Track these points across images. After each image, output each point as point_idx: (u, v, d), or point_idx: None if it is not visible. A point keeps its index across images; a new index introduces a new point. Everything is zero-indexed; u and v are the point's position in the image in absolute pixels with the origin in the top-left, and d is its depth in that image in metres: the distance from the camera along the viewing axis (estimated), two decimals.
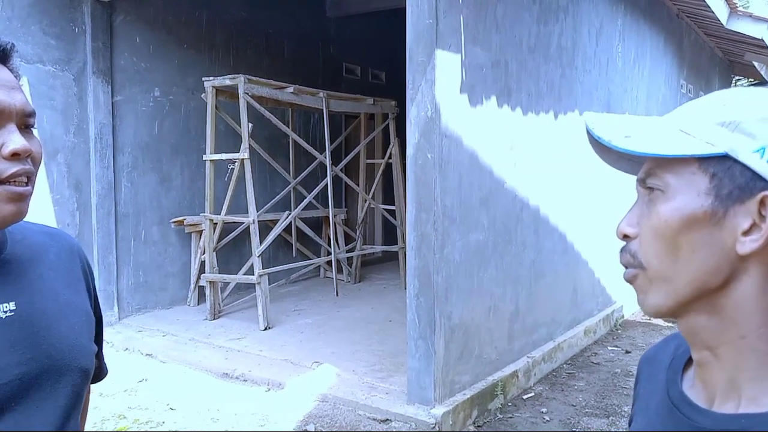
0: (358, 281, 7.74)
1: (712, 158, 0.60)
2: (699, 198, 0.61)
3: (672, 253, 0.62)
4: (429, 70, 3.62)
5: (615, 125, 0.66)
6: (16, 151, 0.83)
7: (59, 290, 0.99)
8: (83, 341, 0.99)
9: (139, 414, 4.03)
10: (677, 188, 0.62)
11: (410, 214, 3.81)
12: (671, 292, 0.63)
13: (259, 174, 7.24)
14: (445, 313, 3.83)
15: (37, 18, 5.19)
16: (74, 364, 0.96)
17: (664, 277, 0.63)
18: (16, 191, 0.84)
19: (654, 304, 0.65)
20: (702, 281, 0.61)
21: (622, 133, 0.64)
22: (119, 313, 6.03)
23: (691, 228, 0.61)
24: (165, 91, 6.37)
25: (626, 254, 0.67)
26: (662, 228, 0.62)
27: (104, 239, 5.85)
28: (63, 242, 1.06)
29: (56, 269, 1.01)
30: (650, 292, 0.65)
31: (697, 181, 0.61)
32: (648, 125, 0.66)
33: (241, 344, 5.19)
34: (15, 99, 0.86)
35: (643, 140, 0.63)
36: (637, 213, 0.66)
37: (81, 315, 1.01)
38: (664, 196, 0.63)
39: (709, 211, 0.60)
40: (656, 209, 0.63)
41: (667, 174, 0.63)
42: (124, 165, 6.04)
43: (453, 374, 3.93)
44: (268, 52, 7.46)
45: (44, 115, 5.32)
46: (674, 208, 0.62)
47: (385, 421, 3.84)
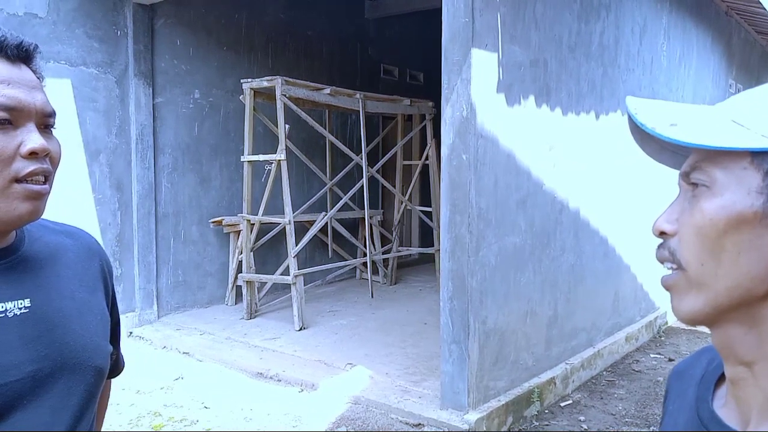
0: (394, 283, 7.70)
1: (767, 153, 0.54)
2: (749, 196, 0.55)
3: (715, 255, 0.56)
4: (465, 69, 3.55)
5: (660, 111, 0.60)
6: (35, 150, 0.84)
7: (75, 289, 0.99)
8: (98, 340, 0.99)
9: (174, 412, 4.07)
10: (725, 184, 0.56)
11: (444, 216, 3.75)
12: (710, 297, 0.57)
13: (296, 175, 7.27)
14: (479, 317, 3.76)
15: (81, 21, 5.32)
16: (88, 363, 0.95)
17: (703, 281, 0.57)
18: (33, 189, 0.85)
19: (689, 309, 0.59)
20: (745, 288, 0.55)
21: (667, 121, 0.58)
22: (158, 312, 6.12)
23: (739, 229, 0.55)
24: (205, 93, 6.46)
25: (665, 251, 0.61)
26: (706, 227, 0.57)
27: (144, 238, 5.96)
28: (82, 242, 1.06)
29: (74, 268, 1.00)
30: (687, 296, 0.59)
31: (748, 177, 0.55)
32: (697, 114, 0.60)
33: (276, 344, 5.21)
34: (35, 99, 0.86)
35: (690, 130, 0.57)
36: (678, 209, 0.61)
37: (97, 314, 1.01)
38: (710, 192, 0.57)
39: (760, 211, 0.54)
40: (700, 206, 0.57)
41: (715, 168, 0.57)
42: (165, 166, 6.14)
43: (488, 379, 3.86)
44: (306, 54, 7.50)
45: (87, 116, 5.45)
46: (721, 205, 0.56)
47: (417, 425, 3.78)
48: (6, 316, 0.87)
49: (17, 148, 0.83)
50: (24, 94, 0.84)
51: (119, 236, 5.81)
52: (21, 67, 0.86)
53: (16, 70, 0.85)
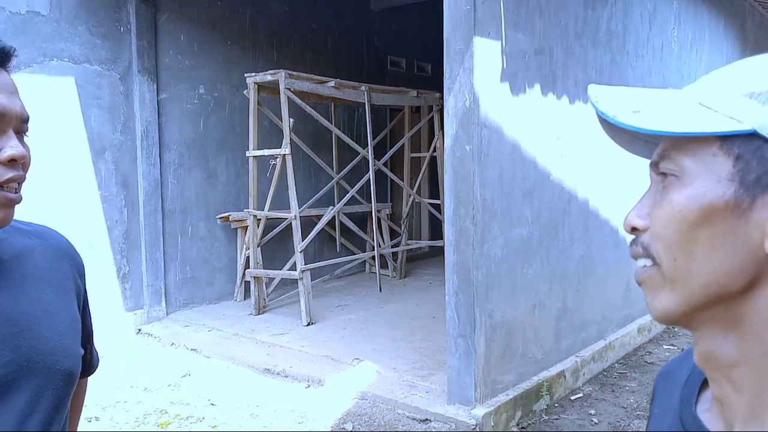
0: (404, 276, 7.66)
1: (736, 137, 0.49)
2: (720, 185, 0.50)
3: (687, 249, 0.51)
4: (467, 58, 3.48)
5: (623, 98, 0.55)
6: (14, 157, 0.83)
7: (43, 291, 0.96)
8: (67, 343, 0.96)
9: (180, 409, 4.06)
10: (695, 173, 0.51)
11: (448, 208, 3.69)
12: (685, 295, 0.52)
13: (303, 169, 7.24)
14: (486, 310, 3.70)
15: (83, 19, 5.30)
16: (57, 366, 0.92)
17: (676, 277, 0.52)
18: (8, 197, 0.84)
19: (663, 307, 0.54)
20: (720, 284, 0.50)
21: (629, 108, 0.53)
22: (167, 308, 6.12)
23: (711, 220, 0.50)
24: (210, 89, 6.43)
25: (637, 246, 0.56)
26: (676, 219, 0.52)
27: (151, 235, 5.95)
28: (51, 242, 1.04)
29: (41, 269, 0.98)
30: (660, 293, 0.54)
31: (718, 164, 0.50)
32: (662, 98, 0.55)
33: (284, 339, 5.18)
34: (15, 104, 0.85)
35: (653, 116, 0.52)
36: (649, 203, 0.56)
37: (66, 317, 0.98)
38: (679, 182, 0.52)
39: (732, 200, 0.49)
40: (670, 197, 0.53)
41: (683, 156, 0.52)
42: (171, 162, 6.13)
43: (495, 374, 3.80)
44: (311, 47, 7.44)
45: (91, 114, 5.44)
46: (691, 196, 0.51)
47: (424, 420, 3.74)
48: None
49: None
50: (6, 99, 0.84)
51: (126, 233, 5.81)
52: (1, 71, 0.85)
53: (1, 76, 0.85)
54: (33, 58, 4.96)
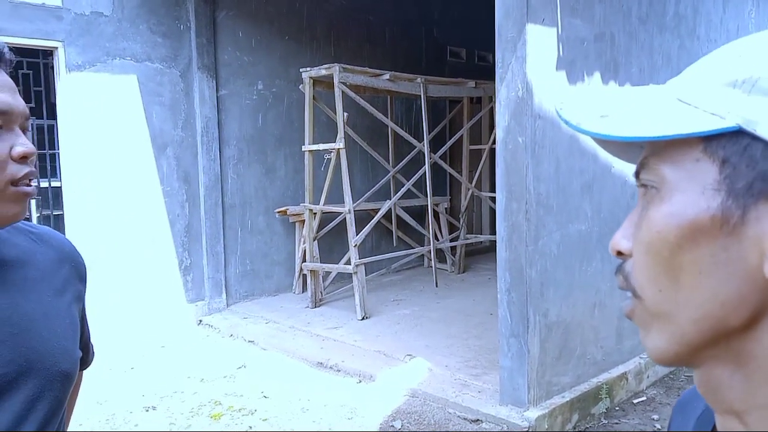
0: (462, 271, 7.53)
1: (721, 136, 0.40)
2: (704, 196, 0.40)
3: (672, 277, 0.42)
4: (519, 46, 3.34)
5: (592, 102, 0.46)
6: (27, 154, 0.85)
7: (43, 293, 0.96)
8: (66, 345, 0.96)
9: (233, 401, 4.12)
10: (675, 184, 0.42)
11: (500, 203, 3.56)
12: (676, 332, 0.43)
13: (361, 163, 7.22)
14: (540, 309, 3.56)
15: (145, 18, 5.45)
16: (54, 368, 0.92)
17: (663, 311, 0.43)
18: (27, 192, 0.87)
19: (655, 347, 0.45)
20: (716, 318, 0.41)
21: (597, 113, 0.45)
22: (227, 300, 6.25)
23: (695, 241, 0.41)
24: (268, 84, 6.49)
25: (620, 276, 0.47)
26: (655, 242, 0.42)
27: (212, 229, 6.08)
28: (54, 244, 1.04)
29: (42, 271, 0.98)
30: (650, 331, 0.45)
31: (702, 171, 0.41)
32: (637, 97, 0.46)
33: (338, 333, 5.18)
34: (19, 102, 0.87)
35: (623, 119, 0.43)
36: (635, 221, 0.46)
37: (65, 318, 0.98)
38: (659, 195, 0.43)
39: (719, 214, 0.40)
40: (647, 216, 0.44)
41: (663, 164, 0.43)
42: (230, 157, 6.23)
43: (550, 375, 3.65)
44: (369, 40, 7.40)
45: (153, 110, 5.60)
46: (670, 213, 0.42)
47: (475, 421, 3.64)
48: None
49: (9, 152, 0.85)
50: (11, 98, 0.86)
51: (188, 227, 5.96)
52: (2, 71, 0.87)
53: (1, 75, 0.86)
54: (97, 57, 5.14)
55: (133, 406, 4.04)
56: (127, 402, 4.10)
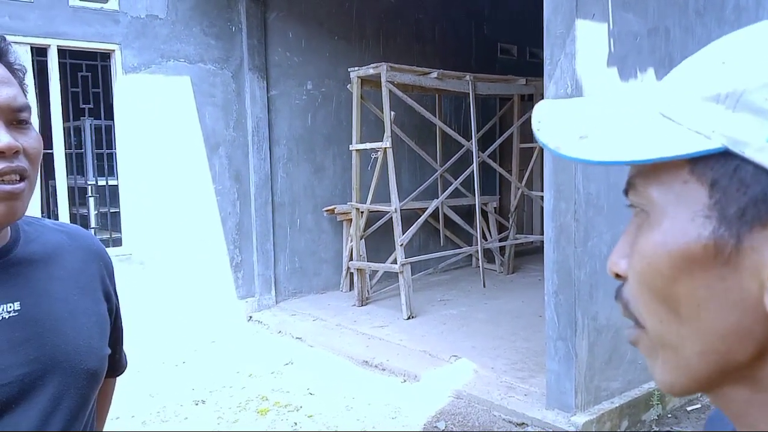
0: (511, 272, 7.42)
1: (708, 157, 0.36)
2: (694, 224, 0.37)
3: (671, 309, 0.39)
4: (568, 42, 3.26)
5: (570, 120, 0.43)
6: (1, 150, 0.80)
7: (70, 291, 0.97)
8: (92, 343, 0.96)
9: (280, 397, 4.18)
10: (663, 208, 0.39)
11: (548, 203, 3.49)
12: (681, 365, 0.40)
13: (408, 162, 7.21)
14: (589, 312, 3.47)
15: (197, 20, 5.58)
16: (80, 366, 0.93)
17: (666, 343, 0.40)
18: (4, 190, 0.81)
19: (662, 380, 0.42)
20: (720, 352, 0.37)
21: (576, 133, 0.41)
22: (276, 297, 6.35)
23: (690, 272, 0.37)
24: (317, 84, 6.56)
25: (620, 302, 0.44)
26: (647, 273, 0.39)
27: (262, 227, 6.19)
28: (81, 242, 1.04)
29: (69, 270, 0.99)
30: (655, 361, 0.42)
31: (691, 194, 0.37)
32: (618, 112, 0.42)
33: (384, 332, 5.19)
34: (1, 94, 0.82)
35: (602, 141, 0.40)
36: (630, 240, 0.43)
37: (91, 316, 0.98)
38: (648, 221, 0.40)
39: (712, 243, 0.36)
40: (638, 244, 0.41)
41: (650, 186, 0.40)
42: (280, 156, 6.33)
43: (599, 380, 3.56)
44: (417, 38, 7.37)
45: (206, 111, 5.73)
46: (660, 242, 0.38)
47: (520, 424, 3.58)
48: None
49: None
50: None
51: (239, 225, 6.08)
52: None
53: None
54: (152, 59, 5.30)
55: (183, 399, 4.15)
56: (178, 395, 4.21)
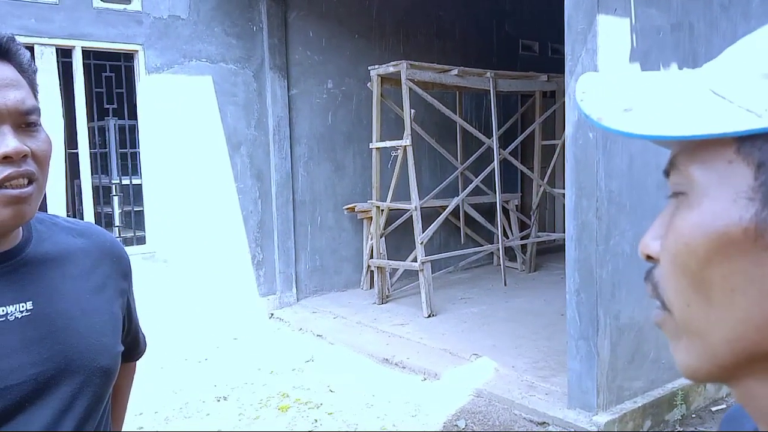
0: (533, 270, 7.36)
1: (757, 136, 0.35)
2: (737, 204, 0.36)
3: (702, 293, 0.38)
4: (590, 38, 3.23)
5: (616, 91, 0.42)
6: (7, 154, 0.80)
7: (82, 290, 0.97)
8: (105, 341, 0.97)
9: (301, 394, 4.20)
10: (705, 188, 0.38)
11: (569, 200, 3.46)
12: (707, 351, 0.39)
13: (429, 160, 7.20)
14: (611, 311, 3.43)
15: (219, 20, 5.63)
16: (93, 364, 0.94)
17: (692, 328, 0.39)
18: (11, 194, 0.82)
19: (684, 364, 0.41)
20: (751, 341, 0.36)
21: (621, 105, 0.40)
22: (297, 295, 6.38)
23: (727, 254, 0.36)
24: (338, 83, 6.57)
25: (649, 284, 0.43)
26: (682, 254, 0.39)
27: (283, 225, 6.22)
28: (95, 240, 1.04)
29: (82, 268, 0.99)
30: (678, 345, 0.41)
31: (735, 175, 0.36)
32: (666, 87, 0.41)
33: (404, 330, 5.19)
34: (6, 98, 0.82)
35: (648, 115, 0.39)
36: (666, 222, 0.42)
37: (104, 314, 0.99)
38: (687, 201, 0.39)
39: (753, 226, 0.35)
40: (674, 224, 0.40)
41: (692, 165, 0.39)
42: (301, 155, 6.36)
43: (621, 379, 3.52)
44: (438, 36, 7.35)
45: (228, 110, 5.78)
46: (697, 222, 0.38)
47: (542, 423, 3.56)
48: (7, 320, 0.86)
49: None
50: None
51: (260, 223, 6.12)
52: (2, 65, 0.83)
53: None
54: (174, 59, 5.35)
55: (205, 395, 4.19)
56: (200, 392, 4.25)
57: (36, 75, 0.89)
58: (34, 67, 0.89)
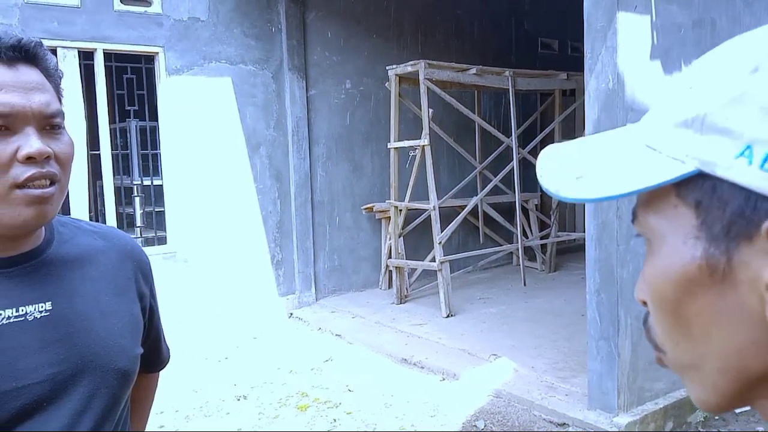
0: (553, 270, 7.31)
1: (689, 180, 0.38)
2: (686, 246, 0.38)
3: (683, 331, 0.40)
4: (610, 36, 3.19)
5: (569, 161, 0.45)
6: (30, 155, 0.82)
7: (102, 292, 0.98)
8: (123, 343, 0.98)
9: (320, 393, 4.21)
10: (662, 234, 0.40)
11: None
12: (707, 383, 0.40)
13: (447, 159, 7.18)
14: (632, 312, 3.40)
15: (238, 21, 5.67)
16: (110, 366, 0.94)
17: (687, 365, 0.41)
18: (34, 195, 0.84)
19: (695, 398, 0.42)
20: (738, 367, 0.38)
21: (573, 174, 0.43)
22: (316, 294, 6.41)
23: (692, 293, 0.39)
24: (356, 83, 6.58)
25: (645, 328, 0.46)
26: (657, 298, 0.41)
27: (302, 225, 6.25)
28: (116, 243, 1.06)
29: (102, 270, 1.00)
30: (686, 380, 0.43)
31: (681, 217, 0.39)
32: (610, 148, 0.44)
33: (422, 330, 5.18)
34: (32, 101, 0.84)
35: (596, 179, 0.42)
36: None
37: (123, 317, 1.00)
38: (651, 248, 0.42)
39: (704, 262, 0.37)
40: (644, 272, 0.43)
41: (648, 215, 0.42)
42: (319, 155, 6.38)
43: (642, 380, 3.48)
44: (456, 35, 7.33)
45: (247, 111, 5.82)
46: (660, 267, 0.40)
47: (561, 425, 3.53)
48: (26, 320, 0.87)
49: (14, 154, 0.82)
50: (18, 98, 0.83)
51: (279, 223, 6.15)
52: (18, 68, 0.84)
53: (10, 73, 0.83)
54: (194, 61, 5.41)
55: (225, 394, 4.23)
56: (220, 390, 4.29)
57: (61, 80, 0.92)
58: (60, 72, 0.92)
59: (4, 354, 0.85)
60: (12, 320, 0.86)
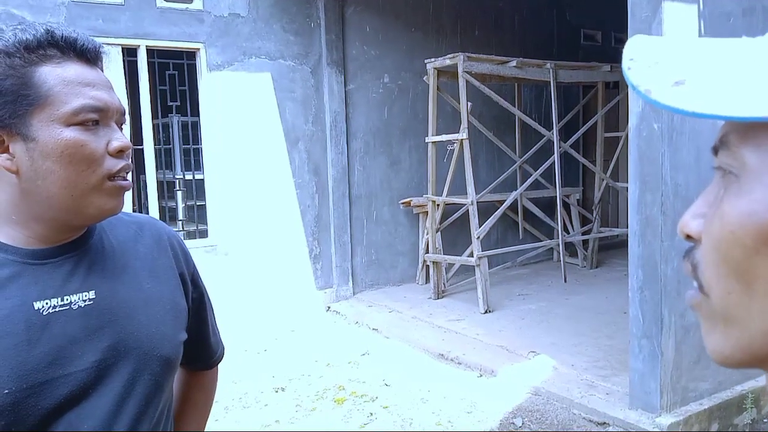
0: (595, 267, 7.17)
1: None
2: None
3: (745, 282, 0.36)
4: (654, 26, 3.10)
5: (668, 61, 0.38)
6: (122, 148, 0.89)
7: (143, 280, 1.00)
8: (165, 330, 1.00)
9: (356, 387, 4.23)
10: (757, 174, 0.35)
11: (632, 194, 3.34)
12: (743, 340, 0.37)
13: (486, 153, 7.10)
14: (676, 310, 3.30)
15: (278, 17, 5.71)
16: (153, 353, 0.97)
17: (730, 315, 0.37)
18: (122, 185, 0.90)
19: (717, 350, 0.39)
20: None
21: (672, 76, 0.37)
22: (353, 288, 6.43)
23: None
24: (394, 77, 6.56)
25: (687, 262, 0.41)
26: (727, 241, 0.36)
27: (340, 219, 6.27)
28: (153, 231, 1.08)
29: (143, 259, 1.02)
30: (713, 330, 0.39)
31: None
32: (723, 57, 0.37)
33: (459, 326, 5.15)
34: (114, 99, 0.91)
35: (701, 88, 0.35)
36: (710, 201, 0.39)
37: (165, 304, 1.02)
38: (738, 185, 0.36)
39: None
40: (722, 209, 0.37)
41: (745, 148, 0.35)
42: (357, 150, 6.38)
43: (686, 380, 3.38)
44: (496, 28, 7.23)
45: (286, 106, 5.86)
46: (747, 211, 0.35)
47: (602, 424, 3.46)
48: (71, 309, 0.90)
49: (106, 147, 0.88)
50: (107, 95, 0.89)
51: (317, 217, 6.19)
52: (96, 68, 0.90)
53: (95, 72, 0.89)
54: (235, 57, 5.47)
55: (264, 386, 4.28)
56: (259, 382, 4.34)
57: None
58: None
59: (51, 342, 0.87)
60: (57, 309, 0.88)
